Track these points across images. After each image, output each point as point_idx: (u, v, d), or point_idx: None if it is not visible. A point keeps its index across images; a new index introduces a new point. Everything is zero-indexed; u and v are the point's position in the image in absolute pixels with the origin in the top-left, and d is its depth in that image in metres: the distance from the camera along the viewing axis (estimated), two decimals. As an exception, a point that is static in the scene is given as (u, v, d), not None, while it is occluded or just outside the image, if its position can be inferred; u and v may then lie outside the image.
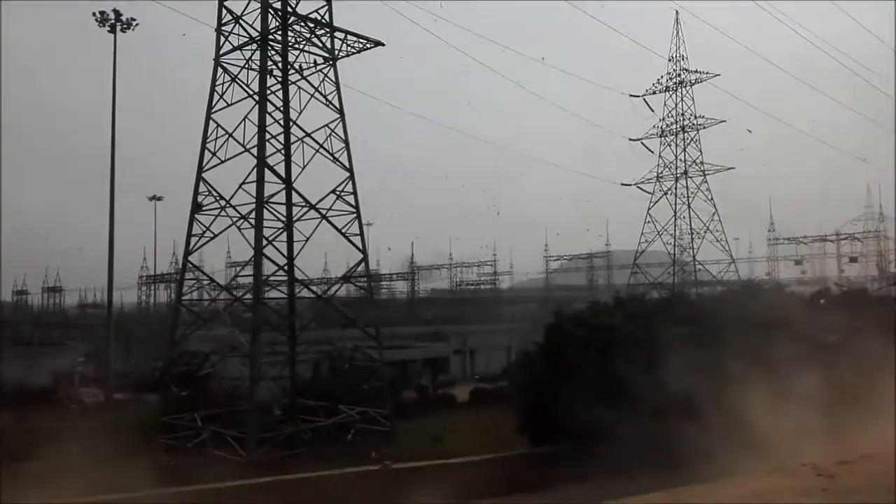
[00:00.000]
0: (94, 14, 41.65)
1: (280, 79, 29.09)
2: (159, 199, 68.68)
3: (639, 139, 63.42)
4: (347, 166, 29.17)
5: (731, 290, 40.27)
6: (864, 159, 60.72)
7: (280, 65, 29.16)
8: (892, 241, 69.99)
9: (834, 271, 69.16)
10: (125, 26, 42.66)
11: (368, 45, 29.44)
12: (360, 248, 29.48)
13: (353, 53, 29.50)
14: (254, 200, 27.31)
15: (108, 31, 42.19)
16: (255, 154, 27.06)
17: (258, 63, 27.90)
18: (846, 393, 17.78)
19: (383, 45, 29.44)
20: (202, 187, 28.27)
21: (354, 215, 29.30)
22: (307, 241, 29.84)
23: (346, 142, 29.21)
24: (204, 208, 28.27)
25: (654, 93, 62.63)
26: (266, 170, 27.94)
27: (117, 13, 41.74)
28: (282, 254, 29.91)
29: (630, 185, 64.59)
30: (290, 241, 29.87)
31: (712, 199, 61.73)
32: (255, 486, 19.30)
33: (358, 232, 29.44)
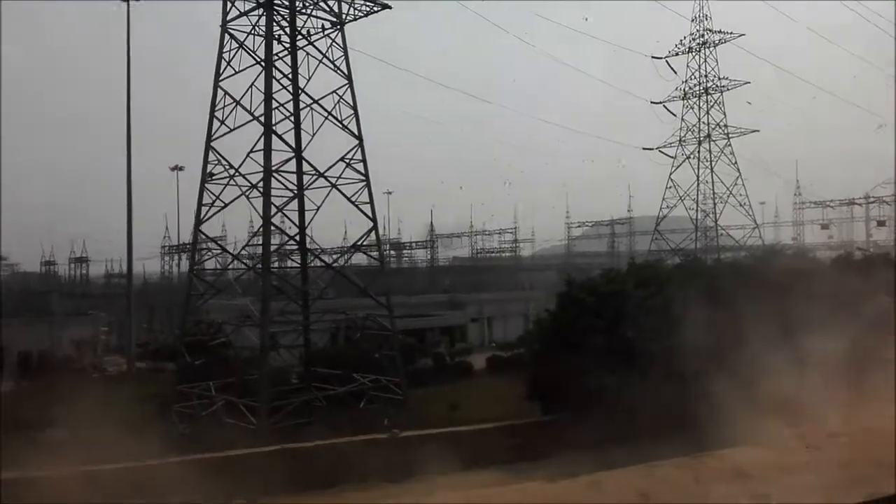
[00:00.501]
0: (105, -16, 41.27)
1: (287, 45, 28.66)
2: (181, 168, 68.84)
3: (661, 102, 62.19)
4: (356, 133, 28.81)
5: (751, 255, 39.57)
6: (882, 125, 58.88)
7: (287, 30, 28.70)
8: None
9: (862, 235, 67.81)
10: (136, -4, 42.26)
11: (376, 9, 28.89)
12: (370, 216, 29.24)
13: (361, 17, 28.98)
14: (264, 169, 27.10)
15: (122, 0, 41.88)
16: (262, 122, 26.76)
17: (265, 28, 27.49)
18: (858, 360, 17.38)
19: (390, 7, 28.87)
20: (212, 156, 28.12)
21: (364, 183, 29.00)
22: (318, 209, 29.66)
23: (355, 108, 28.85)
24: (214, 177, 28.16)
25: (677, 54, 61.23)
26: (275, 138, 27.68)
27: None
28: (293, 223, 29.83)
29: (652, 149, 63.55)
30: (301, 210, 29.71)
31: (736, 162, 60.57)
32: (263, 455, 19.42)
33: (368, 200, 29.15)
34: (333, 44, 28.79)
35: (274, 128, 27.58)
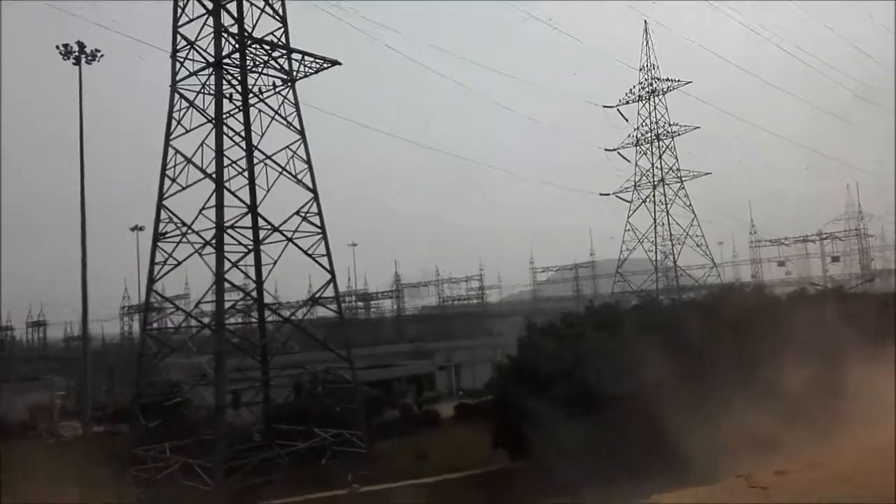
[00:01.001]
0: (57, 47, 41.32)
1: (239, 102, 28.82)
2: (140, 228, 67.92)
3: (615, 149, 63.56)
4: (311, 187, 28.85)
5: (709, 294, 40.11)
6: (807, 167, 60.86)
7: (239, 88, 28.89)
8: (872, 239, 70.20)
9: (818, 271, 69.33)
10: (90, 58, 42.38)
11: (325, 65, 29.23)
12: (328, 268, 29.09)
13: (311, 73, 29.27)
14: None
15: (73, 64, 41.90)
16: (214, 178, 26.66)
17: (214, 87, 27.62)
18: (813, 392, 17.55)
19: (340, 63, 29.23)
20: (164, 215, 27.86)
21: (321, 236, 28.92)
22: (275, 263, 29.44)
23: (309, 162, 28.93)
24: (167, 236, 27.85)
25: (628, 102, 62.94)
26: (229, 194, 27.59)
27: (81, 45, 41.45)
28: (250, 278, 29.54)
29: (608, 194, 64.70)
30: (257, 265, 29.49)
31: (690, 204, 61.90)
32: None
33: (325, 253, 29.04)
34: (285, 100, 28.99)
35: (227, 184, 27.50)
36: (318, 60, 29.11)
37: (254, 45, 28.52)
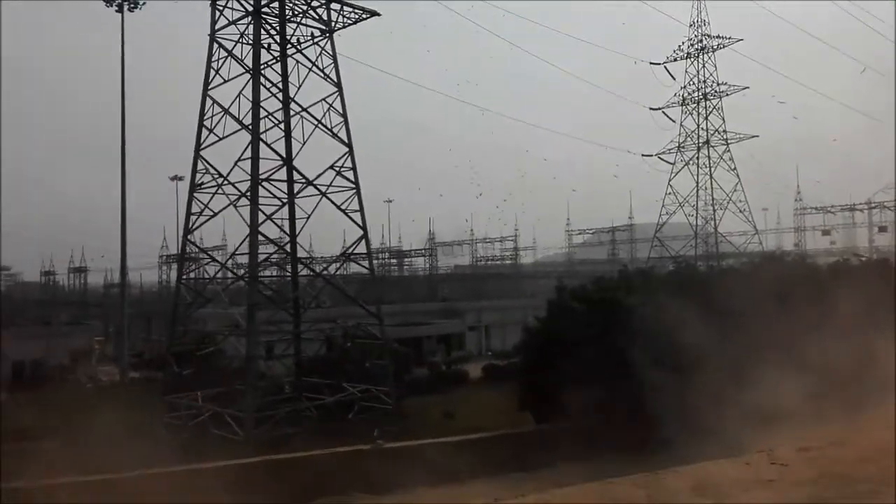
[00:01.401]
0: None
1: (277, 53, 28.54)
2: (180, 178, 68.67)
3: (660, 108, 61.91)
4: (346, 141, 28.61)
5: (748, 261, 39.19)
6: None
7: (277, 38, 28.59)
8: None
9: (864, 241, 67.22)
10: (132, 5, 42.25)
11: (364, 16, 28.74)
12: (361, 224, 29.00)
13: (350, 24, 28.83)
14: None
15: (116, 11, 41.82)
16: (250, 130, 26.59)
17: (253, 37, 27.36)
18: (847, 370, 17.00)
19: (379, 14, 28.72)
20: (200, 165, 27.95)
21: (354, 191, 28.78)
22: (308, 218, 29.47)
23: (345, 116, 28.67)
24: (203, 187, 27.98)
25: (676, 60, 60.96)
26: (265, 147, 27.51)
27: (123, -8, 41.29)
28: (284, 231, 29.63)
29: (651, 155, 63.28)
30: (291, 219, 29.53)
31: (735, 168, 60.20)
32: (241, 467, 19.10)
33: (358, 208, 28.92)
34: (323, 52, 28.63)
35: (263, 136, 27.41)
36: (357, 11, 28.63)
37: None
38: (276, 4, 28.40)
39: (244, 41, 27.83)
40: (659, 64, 61.19)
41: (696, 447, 16.05)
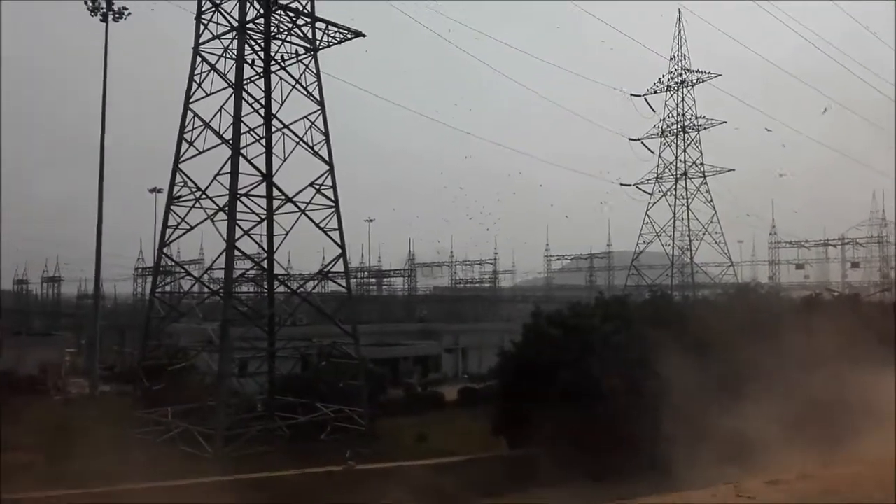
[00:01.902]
0: (85, 2, 41.17)
1: (261, 69, 28.59)
2: (159, 190, 68.12)
3: (639, 139, 62.77)
4: (327, 159, 28.62)
5: (723, 293, 39.59)
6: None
7: (261, 55, 28.67)
8: (893, 247, 68.96)
9: (837, 276, 68.28)
10: (117, 15, 42.23)
11: (349, 36, 28.92)
12: (339, 243, 28.93)
13: (335, 44, 29.00)
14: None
15: (101, 21, 41.76)
16: (231, 144, 26.51)
17: (236, 52, 27.40)
18: (819, 402, 17.16)
19: (364, 35, 28.88)
20: (179, 178, 27.79)
21: (334, 209, 28.73)
22: (287, 234, 29.34)
23: (327, 134, 28.68)
24: (181, 199, 27.80)
25: (655, 92, 61.99)
26: (245, 162, 27.44)
27: (109, 1, 41.28)
28: (262, 248, 29.44)
29: (630, 185, 64.02)
30: (269, 235, 29.38)
31: (712, 200, 61.06)
32: (208, 486, 18.78)
33: (337, 227, 28.86)
34: (307, 70, 28.71)
35: (244, 151, 27.36)
36: (342, 31, 28.79)
37: (278, 12, 28.20)
38: (261, 21, 28.50)
39: (228, 56, 27.87)
40: (639, 96, 62.24)
41: (667, 476, 16.12)
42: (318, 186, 28.32)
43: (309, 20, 28.58)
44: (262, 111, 28.76)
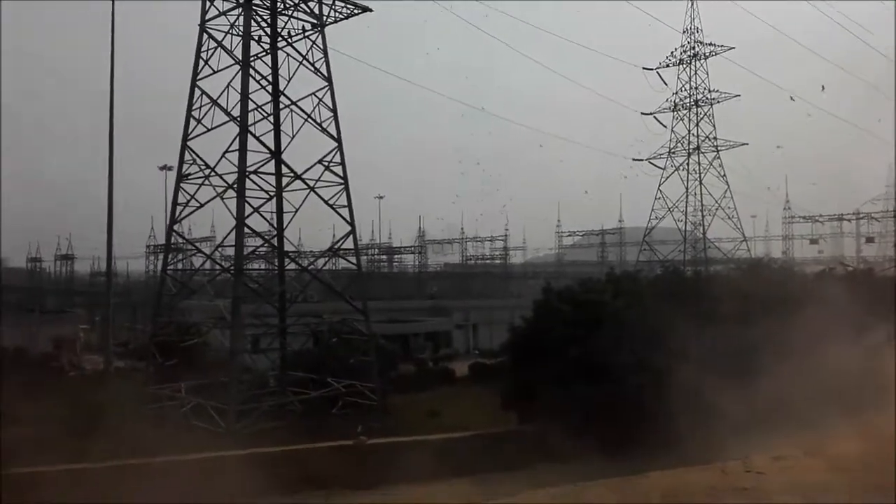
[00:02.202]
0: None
1: (267, 45, 28.40)
2: (169, 168, 68.18)
3: (651, 113, 62.09)
4: (335, 136, 28.51)
5: (735, 268, 39.38)
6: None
7: (268, 31, 28.46)
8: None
9: (852, 251, 67.71)
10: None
11: (356, 11, 28.66)
12: (348, 220, 28.92)
13: (342, 19, 28.73)
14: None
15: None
16: (239, 122, 26.44)
17: (243, 28, 27.21)
18: (823, 377, 17.09)
19: (371, 10, 28.63)
20: (188, 156, 27.78)
21: (343, 186, 28.68)
22: (296, 212, 29.36)
23: (335, 110, 28.54)
24: (190, 177, 27.82)
25: (668, 66, 61.16)
26: (253, 139, 27.36)
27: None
28: (272, 225, 29.47)
29: (642, 160, 63.47)
30: (279, 212, 29.38)
31: (725, 175, 60.45)
32: (221, 459, 19.00)
33: (346, 204, 28.82)
34: (314, 46, 28.50)
35: (252, 129, 27.27)
36: (348, 6, 28.51)
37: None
38: (266, -4, 28.27)
39: (234, 32, 27.69)
40: (652, 69, 61.45)
41: (677, 451, 16.15)
42: (326, 163, 28.24)
43: (315, -5, 28.30)
44: (269, 88, 28.60)
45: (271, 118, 28.71)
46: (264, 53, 28.58)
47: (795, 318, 20.59)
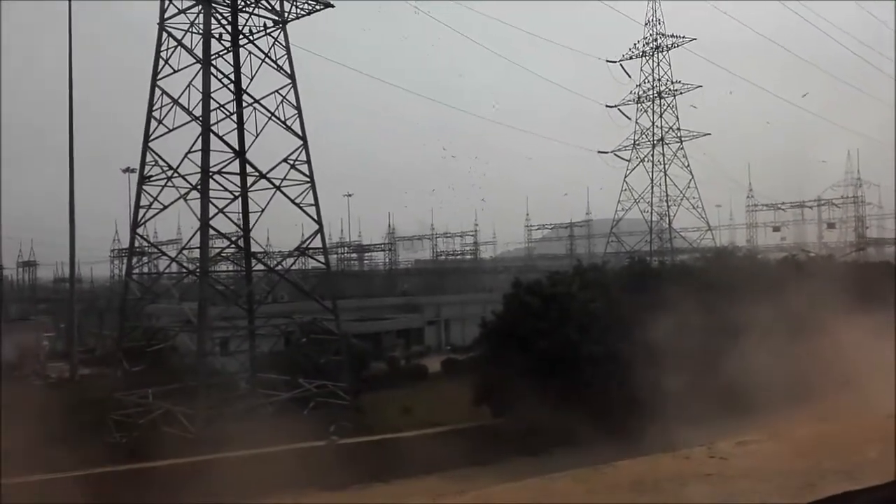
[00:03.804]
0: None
1: (229, 43, 28.02)
2: (133, 171, 67.00)
3: (616, 106, 62.65)
4: (300, 134, 28.24)
5: (700, 257, 39.94)
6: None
7: (228, 28, 28.07)
8: (870, 207, 69.83)
9: (814, 237, 69.05)
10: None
11: (318, 7, 28.38)
12: (316, 218, 28.68)
13: (303, 15, 28.42)
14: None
15: (63, -1, 40.61)
16: (200, 121, 26.05)
17: (203, 26, 26.81)
18: (793, 360, 17.44)
19: (332, 6, 28.39)
20: (149, 157, 27.30)
21: (309, 185, 28.43)
22: (262, 211, 29.04)
23: (299, 108, 28.25)
24: (152, 179, 27.34)
25: (631, 58, 61.72)
26: (217, 139, 26.99)
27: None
28: (237, 225, 29.12)
29: (607, 152, 64.02)
30: (245, 213, 29.04)
31: (689, 165, 61.27)
32: (189, 465, 18.77)
33: (313, 202, 28.59)
34: (276, 42, 28.18)
35: (215, 128, 26.90)
36: (310, 2, 28.23)
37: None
38: (227, -7, 27.87)
39: (194, 31, 27.25)
40: (615, 62, 62.00)
41: (644, 440, 16.33)
42: (291, 162, 27.95)
43: (276, -9, 27.97)
44: (231, 86, 28.23)
45: (235, 117, 28.32)
46: (225, 51, 28.18)
47: (759, 304, 20.94)
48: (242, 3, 28.14)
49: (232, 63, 28.47)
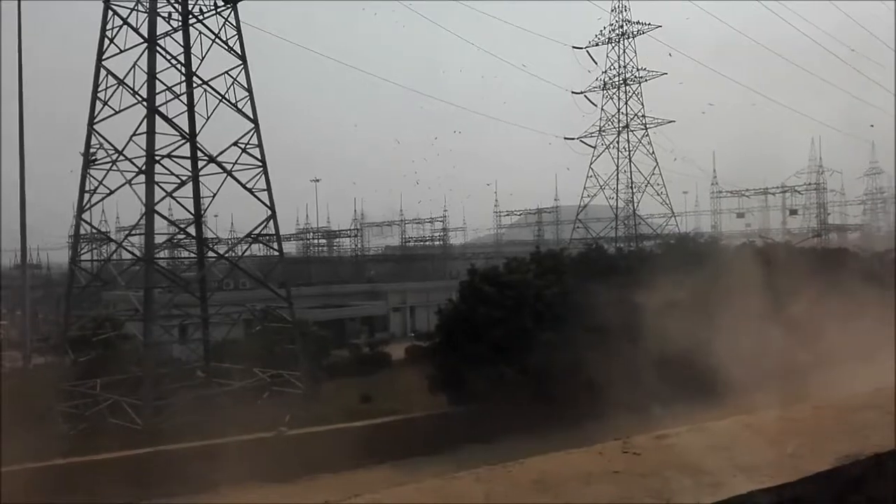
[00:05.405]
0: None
1: (177, 23, 27.14)
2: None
3: (582, 92, 62.44)
4: (252, 117, 27.50)
5: (662, 243, 39.99)
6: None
7: (178, 7, 27.17)
8: (832, 194, 70.71)
9: (777, 224, 69.75)
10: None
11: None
12: (268, 204, 28.01)
13: (251, -4, 27.63)
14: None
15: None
16: (146, 103, 25.22)
17: (149, 4, 25.90)
18: (743, 350, 17.28)
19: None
20: (94, 140, 26.39)
21: (261, 169, 27.74)
22: (214, 197, 28.37)
23: (250, 90, 27.48)
24: (97, 162, 26.45)
25: (598, 45, 61.48)
26: (164, 121, 26.14)
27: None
28: (188, 211, 28.36)
29: (573, 138, 63.85)
30: (196, 198, 28.29)
31: (653, 152, 61.35)
32: (134, 458, 18.22)
33: (265, 187, 27.91)
34: (227, 22, 27.35)
35: (164, 110, 26.06)
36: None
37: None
38: (176, -29, 26.96)
39: (140, 10, 26.32)
40: (581, 48, 61.73)
41: (597, 426, 16.14)
42: (242, 146, 27.21)
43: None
44: (181, 67, 27.37)
45: (184, 98, 27.49)
46: (174, 31, 27.29)
47: (713, 288, 20.79)
48: (191, -18, 27.24)
49: (181, 43, 27.62)
